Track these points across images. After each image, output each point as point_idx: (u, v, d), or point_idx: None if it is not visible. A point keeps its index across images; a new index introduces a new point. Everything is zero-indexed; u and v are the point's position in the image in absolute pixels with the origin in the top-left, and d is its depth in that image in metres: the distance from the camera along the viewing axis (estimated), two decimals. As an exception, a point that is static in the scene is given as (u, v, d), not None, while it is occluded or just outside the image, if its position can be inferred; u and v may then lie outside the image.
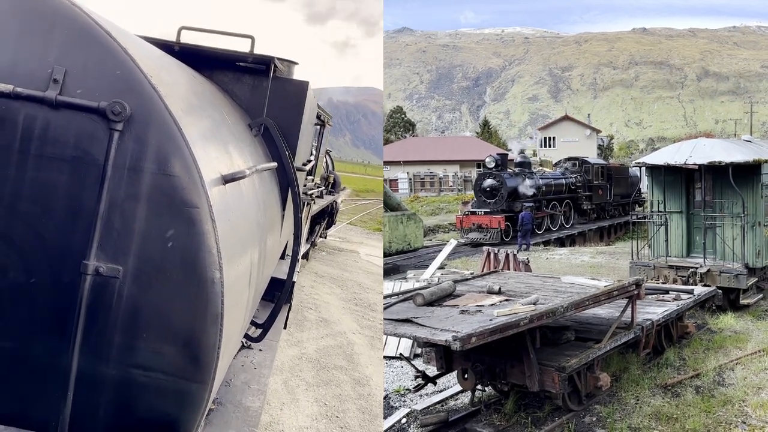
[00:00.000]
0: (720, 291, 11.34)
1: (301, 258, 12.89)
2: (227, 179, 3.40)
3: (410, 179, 45.28)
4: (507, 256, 13.56)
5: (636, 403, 7.39)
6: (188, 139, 3.04)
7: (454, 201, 37.89)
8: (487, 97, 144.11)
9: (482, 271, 12.82)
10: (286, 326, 7.21)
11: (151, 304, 2.96)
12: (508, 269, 12.80)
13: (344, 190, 26.94)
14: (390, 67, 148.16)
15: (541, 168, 31.47)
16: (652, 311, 8.83)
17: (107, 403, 3.03)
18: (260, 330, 5.20)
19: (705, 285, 11.42)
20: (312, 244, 17.91)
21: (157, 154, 2.96)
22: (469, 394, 7.62)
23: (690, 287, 10.79)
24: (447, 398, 7.92)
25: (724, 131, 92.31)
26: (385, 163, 52.55)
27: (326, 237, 22.72)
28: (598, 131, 68.24)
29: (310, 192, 11.98)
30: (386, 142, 63.17)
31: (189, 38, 5.17)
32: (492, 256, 13.85)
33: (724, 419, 7.00)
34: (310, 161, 8.67)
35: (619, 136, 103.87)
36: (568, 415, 6.98)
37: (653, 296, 9.94)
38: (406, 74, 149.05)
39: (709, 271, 11.95)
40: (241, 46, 5.17)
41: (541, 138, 64.64)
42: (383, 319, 6.59)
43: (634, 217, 16.54)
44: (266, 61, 5.13)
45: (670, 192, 13.38)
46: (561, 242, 24.54)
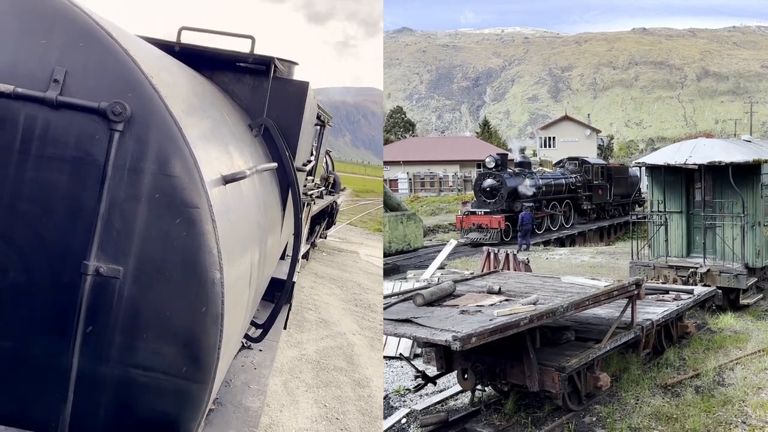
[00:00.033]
0: (720, 291, 11.35)
1: (301, 258, 12.88)
2: (227, 180, 3.40)
3: (410, 179, 45.25)
4: (507, 256, 13.57)
5: (636, 403, 7.39)
6: (189, 140, 3.04)
7: (454, 201, 37.87)
8: (487, 97, 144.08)
9: (482, 271, 12.83)
10: (286, 327, 7.22)
11: (151, 305, 2.97)
12: (508, 269, 12.81)
13: (344, 191, 26.92)
14: (390, 67, 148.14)
15: (541, 168, 31.46)
16: (652, 311, 8.83)
17: (107, 403, 3.03)
18: (260, 330, 5.21)
19: (705, 285, 11.42)
20: (312, 245, 17.91)
21: (158, 154, 2.97)
22: (469, 394, 7.62)
23: (690, 287, 10.79)
24: (447, 398, 7.92)
25: (724, 131, 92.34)
26: (385, 163, 52.53)
27: (326, 237, 22.72)
28: (598, 131, 68.23)
29: (310, 192, 11.98)
30: (386, 142, 63.15)
31: (189, 38, 5.18)
32: (492, 256, 13.85)
33: (724, 419, 7.00)
34: (310, 161, 8.66)
35: (619, 136, 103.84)
36: (568, 415, 6.98)
37: (653, 296, 9.94)
38: (406, 74, 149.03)
39: (709, 271, 11.95)
40: (242, 46, 5.17)
41: (541, 138, 64.64)
42: (383, 319, 6.59)
43: (634, 217, 16.53)
44: (266, 61, 5.13)
45: (670, 192, 13.39)
46: (561, 242, 24.53)
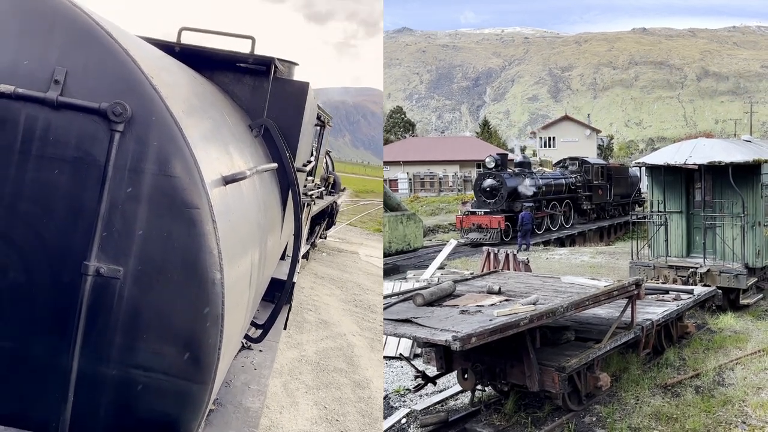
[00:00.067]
0: (720, 291, 11.35)
1: (301, 258, 12.88)
2: (228, 180, 3.41)
3: (410, 179, 45.24)
4: (507, 256, 13.57)
5: (636, 403, 7.39)
6: (189, 140, 3.04)
7: (453, 201, 37.88)
8: (487, 97, 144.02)
9: (482, 271, 12.83)
10: (286, 327, 7.22)
11: (151, 305, 2.97)
12: (508, 269, 12.81)
13: (344, 191, 26.89)
14: (390, 67, 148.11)
15: (541, 168, 31.46)
16: (652, 311, 8.83)
17: (108, 403, 3.03)
18: (260, 331, 5.21)
19: (705, 285, 11.42)
20: (312, 245, 17.91)
21: (158, 154, 2.97)
22: (469, 394, 7.62)
23: (690, 287, 10.79)
24: (447, 398, 7.92)
25: (723, 131, 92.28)
26: (385, 163, 52.52)
27: (326, 238, 22.71)
28: (598, 131, 68.24)
29: (310, 193, 11.97)
30: (386, 142, 63.14)
31: (189, 39, 5.19)
32: (492, 256, 13.86)
33: (724, 419, 7.00)
34: (310, 162, 8.67)
35: (619, 136, 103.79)
36: (568, 415, 6.99)
37: (653, 296, 9.95)
38: (406, 74, 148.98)
39: (709, 271, 11.96)
40: (242, 46, 5.19)
41: (541, 138, 64.64)
42: (383, 319, 6.59)
43: (634, 217, 16.53)
44: (267, 62, 5.13)
45: (670, 192, 13.39)
46: (561, 242, 24.54)
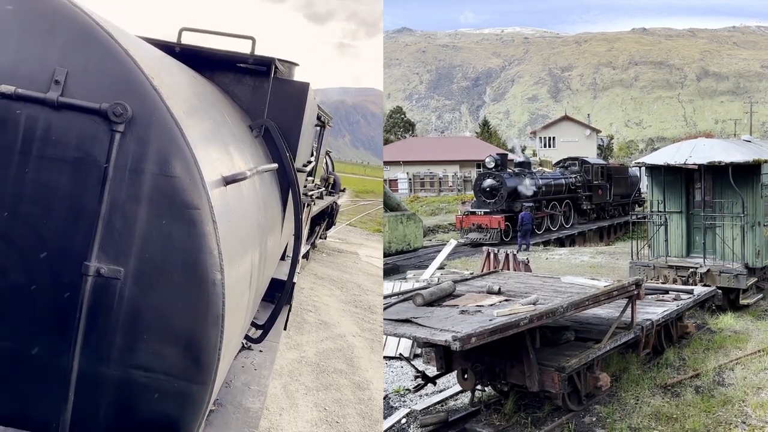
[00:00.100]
0: (720, 291, 11.35)
1: (301, 258, 12.88)
2: (228, 180, 3.41)
3: (410, 179, 45.23)
4: (507, 256, 13.57)
5: (636, 403, 7.39)
6: (189, 141, 3.05)
7: (453, 201, 37.87)
8: (487, 97, 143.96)
9: (482, 271, 12.83)
10: (286, 327, 7.22)
11: (152, 306, 2.97)
12: (508, 269, 12.81)
13: (344, 192, 26.88)
14: (390, 67, 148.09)
15: (540, 168, 31.46)
16: (652, 311, 8.83)
17: (108, 404, 3.03)
18: (260, 331, 5.21)
19: (705, 285, 11.42)
20: (312, 245, 17.91)
21: (159, 155, 2.97)
22: (468, 394, 7.62)
23: (690, 287, 10.79)
24: (447, 398, 7.92)
25: (723, 131, 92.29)
26: (385, 163, 52.51)
27: (326, 238, 22.71)
28: (597, 131, 68.22)
29: (310, 193, 11.97)
30: (386, 142, 63.14)
31: (190, 39, 5.20)
32: (492, 256, 13.86)
33: (724, 419, 7.00)
34: (310, 162, 8.67)
35: (618, 136, 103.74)
36: (568, 415, 6.99)
37: (653, 296, 9.95)
38: (405, 74, 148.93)
39: (708, 271, 11.96)
40: (242, 47, 5.19)
41: (541, 138, 64.64)
42: (383, 319, 6.59)
43: (633, 217, 16.53)
44: (267, 62, 5.14)
45: (669, 192, 13.39)
46: (561, 242, 24.53)
